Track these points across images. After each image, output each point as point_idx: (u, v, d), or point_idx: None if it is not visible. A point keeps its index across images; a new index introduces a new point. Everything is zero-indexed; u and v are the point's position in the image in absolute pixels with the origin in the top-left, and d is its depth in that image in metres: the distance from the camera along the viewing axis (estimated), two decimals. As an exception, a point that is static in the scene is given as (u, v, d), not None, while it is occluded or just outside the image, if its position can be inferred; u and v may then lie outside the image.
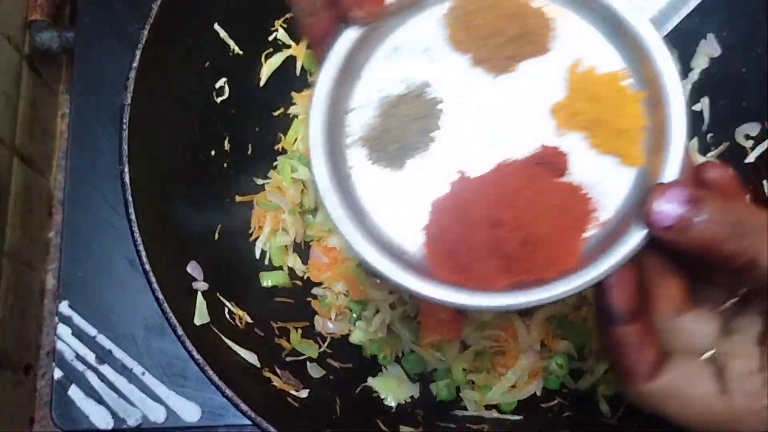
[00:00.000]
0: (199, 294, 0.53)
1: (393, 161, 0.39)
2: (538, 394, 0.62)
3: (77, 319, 0.71)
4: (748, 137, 0.62)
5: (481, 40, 0.39)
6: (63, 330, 0.70)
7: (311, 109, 0.39)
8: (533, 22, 0.39)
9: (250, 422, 0.67)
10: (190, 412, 0.69)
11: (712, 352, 0.37)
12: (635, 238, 0.35)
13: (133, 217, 0.49)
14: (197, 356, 0.48)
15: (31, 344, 0.79)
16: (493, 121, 0.39)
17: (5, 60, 0.74)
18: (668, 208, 0.34)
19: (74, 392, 0.69)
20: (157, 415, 0.69)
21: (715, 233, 0.33)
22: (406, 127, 0.39)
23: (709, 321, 0.38)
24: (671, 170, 0.36)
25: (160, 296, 0.48)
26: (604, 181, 0.38)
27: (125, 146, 0.50)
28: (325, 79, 0.39)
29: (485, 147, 0.39)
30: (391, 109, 0.39)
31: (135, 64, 0.52)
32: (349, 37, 0.39)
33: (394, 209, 0.39)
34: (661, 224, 0.34)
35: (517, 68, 0.39)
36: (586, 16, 0.40)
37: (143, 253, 0.49)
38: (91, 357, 0.70)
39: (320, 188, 0.38)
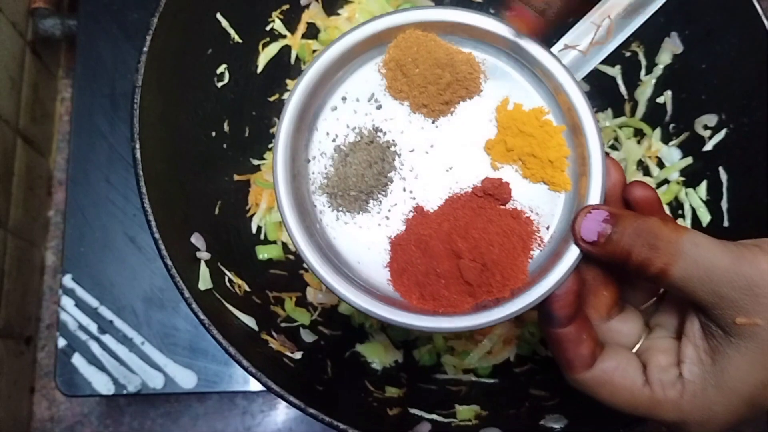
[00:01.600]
0: (203, 262, 0.56)
1: (354, 205, 0.42)
2: (512, 359, 0.66)
3: (80, 291, 0.74)
4: (706, 127, 0.65)
5: (420, 88, 0.43)
6: (66, 302, 0.74)
7: (275, 164, 0.41)
8: (464, 68, 0.43)
9: (241, 389, 0.72)
10: (186, 379, 0.73)
11: (639, 344, 0.43)
12: (573, 255, 0.40)
13: (143, 189, 0.52)
14: (203, 317, 0.51)
15: (32, 317, 0.82)
16: (437, 159, 0.43)
17: (10, 45, 0.78)
18: (590, 225, 0.39)
19: (77, 360, 0.73)
20: (156, 381, 0.72)
21: (630, 245, 0.38)
22: (363, 173, 0.42)
23: (634, 320, 0.44)
24: (595, 193, 0.41)
25: (169, 262, 0.51)
26: (540, 206, 0.42)
27: (137, 124, 0.53)
28: (283, 132, 0.42)
29: (434, 184, 0.43)
30: (346, 157, 0.42)
31: (145, 49, 0.54)
32: (301, 91, 0.42)
33: (363, 249, 0.42)
34: (585, 240, 0.39)
35: (453, 111, 0.43)
36: (509, 61, 0.44)
37: (153, 222, 0.52)
38: (93, 327, 0.74)
39: (294, 236, 0.40)
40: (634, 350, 0.43)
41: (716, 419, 0.38)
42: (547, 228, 0.42)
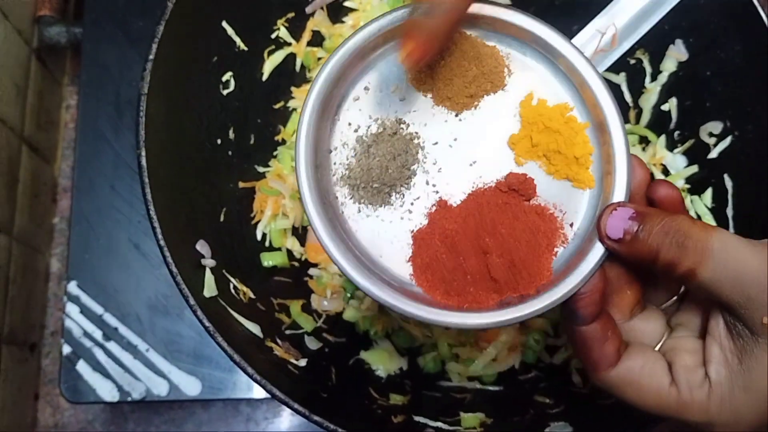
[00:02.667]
0: (207, 269, 0.56)
1: (376, 198, 0.42)
2: (517, 366, 0.65)
3: (85, 298, 0.74)
4: (711, 135, 0.65)
5: (446, 80, 0.42)
6: (71, 308, 0.74)
7: (297, 154, 0.41)
8: (490, 62, 0.43)
9: (245, 396, 0.72)
10: (190, 386, 0.73)
11: (662, 344, 0.42)
12: (597, 252, 0.39)
13: (149, 196, 0.52)
14: (207, 324, 0.51)
15: (36, 324, 0.82)
16: (461, 153, 0.42)
17: (16, 52, 0.78)
18: (616, 223, 0.39)
19: (82, 367, 0.73)
20: (160, 388, 0.73)
21: (658, 244, 0.37)
22: (386, 165, 0.42)
23: (657, 319, 0.43)
24: (620, 191, 0.40)
25: (174, 269, 0.51)
26: (564, 203, 0.42)
27: (142, 132, 0.53)
28: (305, 122, 0.41)
29: (457, 178, 0.42)
30: (369, 148, 0.42)
31: (151, 57, 0.54)
32: (324, 80, 0.42)
33: (385, 243, 0.41)
34: (611, 237, 0.39)
35: (477, 105, 0.43)
36: (533, 55, 0.44)
37: (158, 230, 0.52)
38: (98, 334, 0.74)
39: (316, 227, 0.40)
40: (657, 349, 0.42)
41: (743, 420, 0.38)
42: (571, 225, 0.41)
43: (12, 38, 0.77)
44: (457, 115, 0.43)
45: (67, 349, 0.73)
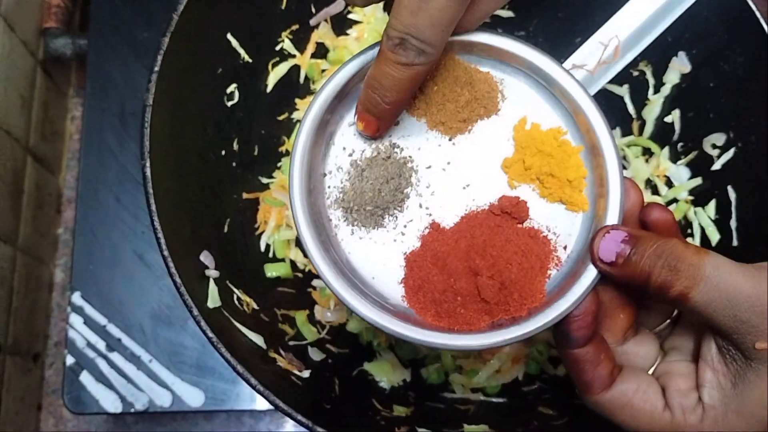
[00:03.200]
0: (211, 280, 0.56)
1: (370, 221, 0.42)
2: (520, 378, 0.65)
3: (88, 309, 0.74)
4: (714, 146, 0.65)
5: (438, 105, 0.43)
6: (75, 319, 0.74)
7: (292, 177, 0.41)
8: (483, 87, 0.43)
9: (248, 408, 0.72)
10: (193, 397, 0.73)
11: (655, 367, 0.42)
12: (590, 275, 0.39)
13: (153, 207, 0.52)
14: (211, 335, 0.51)
15: (40, 334, 0.82)
16: (454, 177, 0.43)
17: (21, 64, 0.78)
18: (609, 246, 0.39)
19: (85, 378, 0.73)
20: (163, 399, 0.73)
21: (650, 267, 0.37)
22: (379, 188, 0.42)
23: (650, 343, 0.43)
24: (613, 214, 0.40)
25: (178, 280, 0.51)
26: (557, 225, 0.42)
27: (147, 143, 0.53)
28: (300, 146, 0.42)
29: (450, 201, 0.42)
30: (362, 172, 0.42)
31: (156, 68, 0.55)
32: (319, 105, 0.42)
33: (377, 265, 0.42)
34: (604, 260, 0.39)
35: (471, 129, 0.43)
36: (527, 81, 0.44)
37: (162, 240, 0.52)
38: (101, 345, 0.74)
39: (309, 250, 0.40)
40: (650, 373, 0.42)
41: None
42: (564, 248, 0.42)
43: (18, 50, 0.78)
44: (450, 139, 0.43)
45: (70, 360, 0.73)
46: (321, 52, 0.72)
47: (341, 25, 0.72)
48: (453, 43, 0.43)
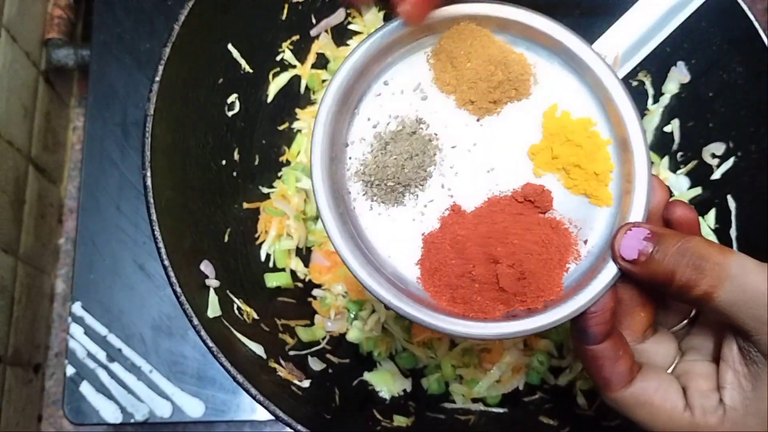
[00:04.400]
0: (211, 290, 0.56)
1: (389, 197, 0.41)
2: (521, 388, 0.65)
3: (89, 319, 0.74)
4: (714, 156, 0.65)
5: (470, 83, 0.42)
6: (75, 329, 0.74)
7: (313, 145, 0.40)
8: (517, 69, 0.42)
9: (248, 419, 0.72)
10: (194, 408, 0.72)
11: (675, 365, 0.42)
12: (610, 272, 0.39)
13: (154, 217, 0.53)
14: (211, 344, 0.51)
15: (41, 345, 0.82)
16: (479, 159, 0.42)
17: (24, 75, 0.79)
18: (631, 243, 0.38)
19: (85, 388, 0.73)
20: (164, 410, 0.72)
21: (673, 265, 0.37)
22: (402, 164, 0.41)
23: (669, 342, 0.43)
24: (637, 211, 0.39)
25: (178, 289, 0.51)
26: (580, 218, 0.41)
27: (148, 153, 0.53)
28: (323, 113, 0.41)
29: (473, 184, 0.41)
30: (386, 145, 0.41)
31: (157, 78, 0.55)
32: (346, 72, 0.41)
33: (394, 242, 0.40)
34: (625, 258, 0.38)
35: (500, 111, 0.42)
36: (561, 66, 0.43)
37: (163, 250, 0.52)
38: (102, 355, 0.74)
39: (327, 221, 0.39)
40: (669, 372, 0.42)
41: None
42: (585, 242, 0.41)
43: (20, 60, 0.78)
44: (478, 120, 0.42)
45: (70, 370, 0.73)
46: (321, 62, 0.72)
47: (342, 35, 0.73)
48: (490, 19, 0.42)
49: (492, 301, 0.39)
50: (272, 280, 0.66)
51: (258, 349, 0.57)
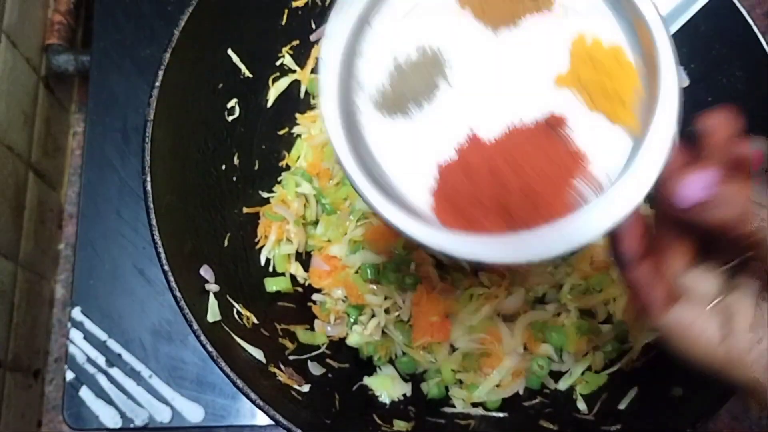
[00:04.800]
0: (211, 295, 0.56)
1: (399, 108, 0.39)
2: (521, 392, 0.65)
3: (89, 324, 0.74)
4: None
5: None
6: (75, 334, 0.74)
7: (325, 55, 0.38)
8: None
9: (248, 423, 0.72)
10: (194, 413, 0.72)
11: (718, 300, 0.40)
12: (632, 198, 0.36)
13: (153, 222, 0.53)
14: (211, 349, 0.51)
15: (40, 350, 0.82)
16: (499, 81, 0.39)
17: (24, 81, 0.79)
18: (690, 190, 0.35)
19: (85, 393, 0.73)
20: (163, 415, 0.72)
21: (732, 216, 0.35)
22: (412, 75, 0.39)
23: (712, 278, 0.41)
24: (663, 141, 0.36)
25: (178, 294, 0.52)
26: (602, 148, 0.38)
27: (147, 158, 0.54)
28: (338, 23, 0.39)
29: (491, 107, 0.39)
30: (397, 58, 0.39)
31: (157, 84, 0.55)
32: None
33: (403, 162, 0.38)
34: (683, 204, 0.35)
35: (520, 24, 0.39)
36: None
37: (162, 255, 0.52)
38: (101, 360, 0.74)
39: (332, 134, 0.37)
40: (710, 306, 0.40)
41: None
42: (605, 173, 0.38)
43: (20, 66, 0.78)
44: (496, 35, 0.40)
45: (70, 375, 0.73)
46: (321, 67, 0.72)
47: (342, 40, 0.73)
48: None
49: (496, 219, 0.37)
50: (272, 285, 0.66)
51: (258, 354, 0.57)
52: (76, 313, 0.75)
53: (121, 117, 0.81)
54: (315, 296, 0.68)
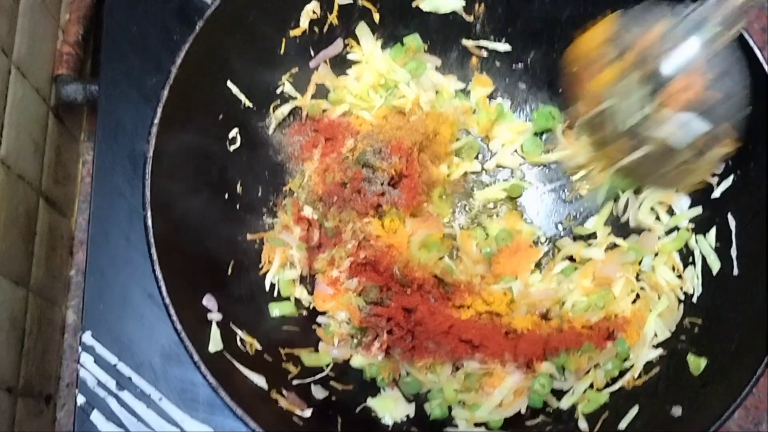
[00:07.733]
0: (214, 324, 0.57)
1: None
2: (523, 411, 0.65)
3: (99, 348, 0.75)
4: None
5: None
6: (86, 358, 0.75)
7: None
8: None
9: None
10: (203, 435, 0.73)
11: None
12: None
13: (155, 256, 0.54)
14: (211, 380, 0.52)
15: (52, 376, 0.83)
16: None
17: (34, 110, 0.81)
18: None
19: (96, 417, 0.73)
20: (173, 438, 0.73)
21: None
22: None
23: None
24: None
25: (179, 326, 0.53)
26: None
27: (148, 194, 0.55)
28: None
29: None
30: None
31: (156, 120, 0.57)
32: None
33: None
34: None
35: None
36: None
37: (164, 288, 0.53)
38: (111, 384, 0.74)
39: None
40: None
41: None
42: None
43: (30, 96, 0.80)
44: None
45: (81, 400, 0.74)
46: (321, 92, 0.73)
47: (341, 65, 0.74)
48: None
49: None
50: (276, 309, 0.67)
51: (260, 381, 0.58)
52: (87, 337, 0.76)
53: (129, 145, 0.82)
54: (320, 319, 0.69)
